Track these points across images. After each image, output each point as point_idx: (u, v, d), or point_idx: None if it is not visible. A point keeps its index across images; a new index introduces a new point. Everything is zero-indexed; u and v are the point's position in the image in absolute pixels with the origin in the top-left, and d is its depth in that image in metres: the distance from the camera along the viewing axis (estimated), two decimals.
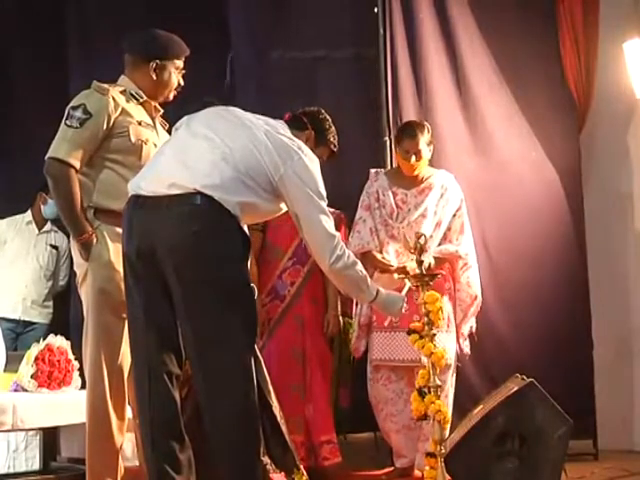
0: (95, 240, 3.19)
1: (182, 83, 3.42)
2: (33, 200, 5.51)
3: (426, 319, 3.38)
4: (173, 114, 3.39)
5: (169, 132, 3.36)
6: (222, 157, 2.79)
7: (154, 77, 3.35)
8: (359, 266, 2.97)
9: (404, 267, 4.00)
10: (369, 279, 3.04)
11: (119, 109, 3.24)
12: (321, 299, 4.32)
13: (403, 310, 3.18)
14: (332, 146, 3.28)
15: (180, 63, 3.40)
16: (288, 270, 4.26)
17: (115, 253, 3.13)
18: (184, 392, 3.55)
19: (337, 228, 4.32)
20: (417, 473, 4.01)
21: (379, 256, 4.08)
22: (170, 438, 2.80)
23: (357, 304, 4.22)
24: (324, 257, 2.90)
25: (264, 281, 4.22)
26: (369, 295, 3.04)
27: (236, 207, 2.74)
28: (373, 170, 4.29)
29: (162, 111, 3.46)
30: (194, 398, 3.66)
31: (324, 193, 2.90)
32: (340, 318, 4.36)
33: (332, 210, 4.33)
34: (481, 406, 3.64)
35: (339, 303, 4.34)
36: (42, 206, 5.46)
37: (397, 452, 4.14)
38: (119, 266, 3.02)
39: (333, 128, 3.29)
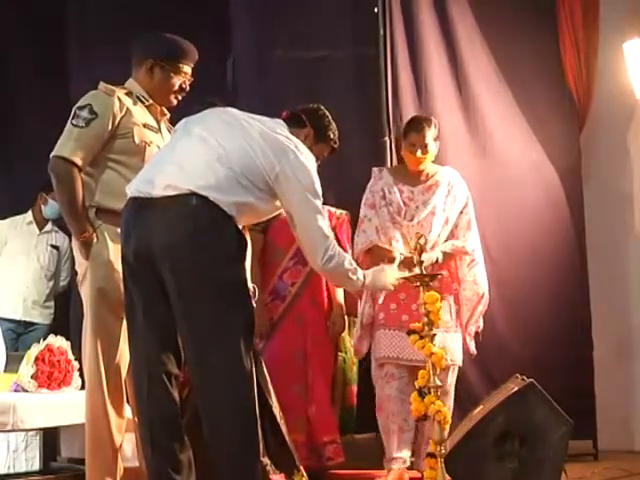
0: (95, 239, 3.21)
1: (185, 88, 3.38)
2: (34, 200, 5.51)
3: (426, 319, 3.38)
4: (175, 114, 3.41)
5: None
6: (217, 158, 2.80)
7: (149, 77, 3.35)
8: (347, 261, 2.98)
9: (411, 258, 3.88)
10: (358, 269, 3.04)
11: (124, 110, 3.25)
12: (322, 299, 4.29)
13: (395, 281, 3.17)
14: (332, 143, 3.25)
15: (185, 68, 3.36)
16: (289, 270, 4.23)
17: (115, 253, 3.14)
18: (184, 393, 3.55)
19: (340, 227, 4.35)
20: (416, 474, 3.98)
21: (385, 245, 4.01)
22: (170, 438, 2.80)
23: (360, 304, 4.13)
24: (317, 256, 2.91)
25: (265, 281, 4.20)
26: (357, 282, 3.05)
27: (232, 207, 2.75)
28: (376, 168, 4.24)
29: (168, 115, 3.45)
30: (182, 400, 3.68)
31: (320, 192, 2.90)
32: (345, 317, 4.32)
33: (340, 211, 4.39)
34: (481, 406, 3.63)
35: (344, 302, 4.31)
36: (43, 206, 5.46)
37: (392, 454, 4.00)
38: (118, 266, 3.02)
39: (333, 125, 3.26)
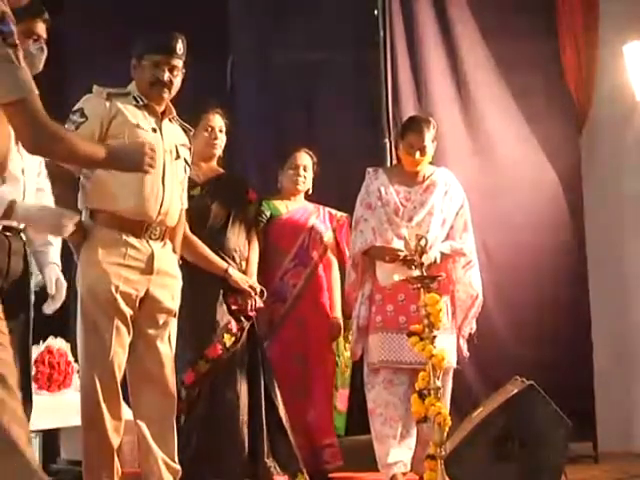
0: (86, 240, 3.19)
1: (165, 80, 3.27)
2: None
3: (426, 321, 3.37)
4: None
5: (186, 133, 3.43)
6: None
7: (134, 76, 3.33)
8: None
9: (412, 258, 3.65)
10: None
11: (115, 111, 3.23)
12: (323, 301, 4.26)
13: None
14: None
15: (159, 57, 3.26)
16: (290, 272, 4.19)
17: (106, 254, 3.14)
18: (194, 393, 3.56)
19: (340, 230, 4.33)
20: (415, 476, 3.96)
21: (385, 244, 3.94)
22: None
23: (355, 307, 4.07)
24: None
25: (265, 282, 4.10)
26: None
27: None
28: (371, 168, 4.17)
29: (173, 114, 3.39)
30: (194, 398, 3.69)
31: None
32: (341, 320, 4.28)
33: (341, 214, 4.37)
34: (481, 408, 3.64)
35: (340, 305, 4.28)
36: None
37: (390, 460, 3.88)
38: (109, 267, 3.09)
39: None
